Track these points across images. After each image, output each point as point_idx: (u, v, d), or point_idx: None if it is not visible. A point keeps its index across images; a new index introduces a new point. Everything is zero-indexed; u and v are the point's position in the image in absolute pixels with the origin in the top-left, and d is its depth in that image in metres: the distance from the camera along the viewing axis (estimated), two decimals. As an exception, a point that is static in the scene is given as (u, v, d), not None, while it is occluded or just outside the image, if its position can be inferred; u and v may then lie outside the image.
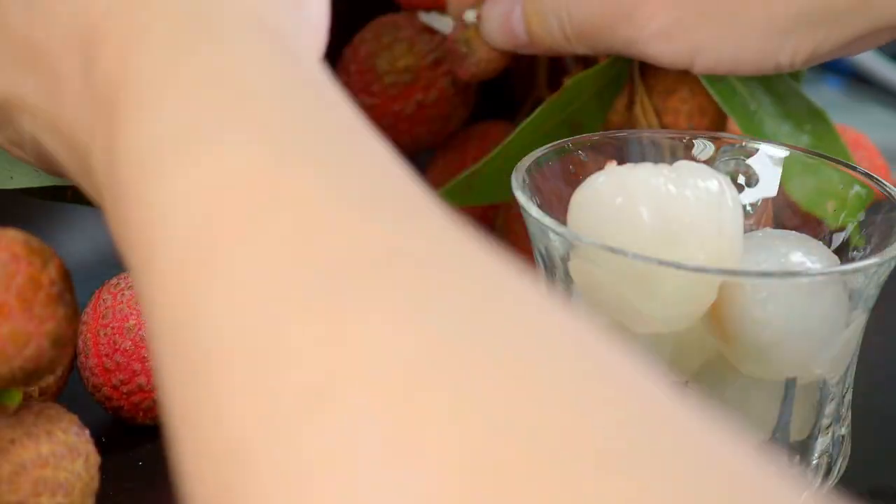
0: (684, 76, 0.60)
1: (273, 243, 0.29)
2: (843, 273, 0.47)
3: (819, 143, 0.59)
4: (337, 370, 0.26)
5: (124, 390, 0.52)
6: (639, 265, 0.45)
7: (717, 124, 0.61)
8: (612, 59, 0.60)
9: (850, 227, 0.51)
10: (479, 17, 0.60)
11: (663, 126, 0.60)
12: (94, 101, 0.35)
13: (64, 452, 0.40)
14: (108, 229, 0.35)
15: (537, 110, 0.58)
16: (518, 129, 0.57)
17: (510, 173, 0.50)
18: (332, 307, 0.27)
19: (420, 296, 0.27)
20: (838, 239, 0.51)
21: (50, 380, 0.48)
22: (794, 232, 0.51)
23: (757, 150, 0.54)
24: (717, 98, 0.60)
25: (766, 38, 0.55)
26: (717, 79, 0.59)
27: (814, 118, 0.62)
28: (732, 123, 0.61)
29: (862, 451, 0.53)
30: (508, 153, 0.57)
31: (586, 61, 0.62)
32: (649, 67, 0.62)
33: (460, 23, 0.61)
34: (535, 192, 0.50)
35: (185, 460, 0.28)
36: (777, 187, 0.53)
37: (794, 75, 0.65)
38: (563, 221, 0.48)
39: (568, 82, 0.59)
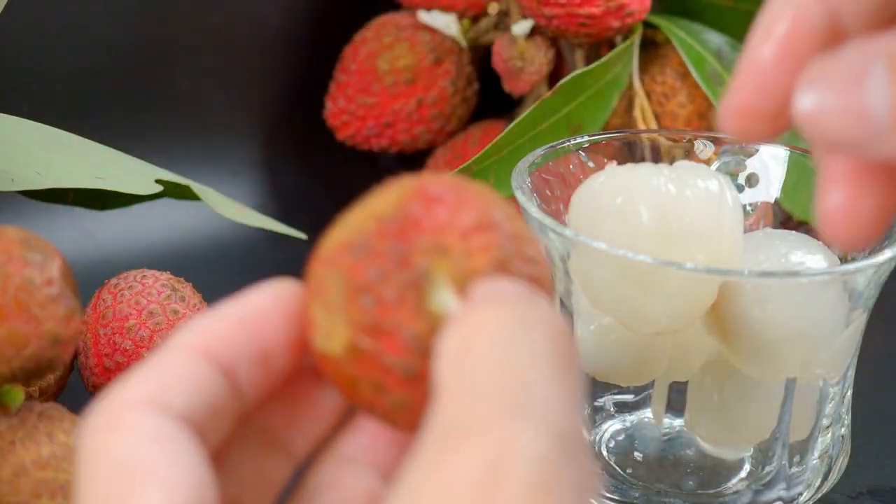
0: (684, 80, 0.60)
1: None
2: (843, 273, 0.47)
3: None
4: None
5: (124, 390, 0.52)
6: (639, 265, 0.45)
7: (715, 129, 0.61)
8: (610, 59, 0.60)
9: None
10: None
11: (662, 128, 0.60)
12: None
13: (65, 454, 0.40)
14: (108, 229, 0.34)
15: (531, 108, 0.58)
16: (510, 126, 0.57)
17: (502, 171, 0.49)
18: None
19: None
20: (838, 239, 0.51)
21: (50, 379, 0.48)
22: (794, 232, 0.51)
23: (757, 150, 0.54)
24: (715, 102, 0.60)
25: None
26: (717, 83, 0.59)
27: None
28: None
29: (862, 451, 0.53)
30: (500, 151, 0.57)
31: (589, 61, 0.62)
32: (648, 71, 0.62)
33: (507, 39, 0.62)
34: (535, 192, 0.50)
35: None
36: (778, 187, 0.53)
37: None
38: (562, 221, 0.48)
39: (563, 81, 0.59)
